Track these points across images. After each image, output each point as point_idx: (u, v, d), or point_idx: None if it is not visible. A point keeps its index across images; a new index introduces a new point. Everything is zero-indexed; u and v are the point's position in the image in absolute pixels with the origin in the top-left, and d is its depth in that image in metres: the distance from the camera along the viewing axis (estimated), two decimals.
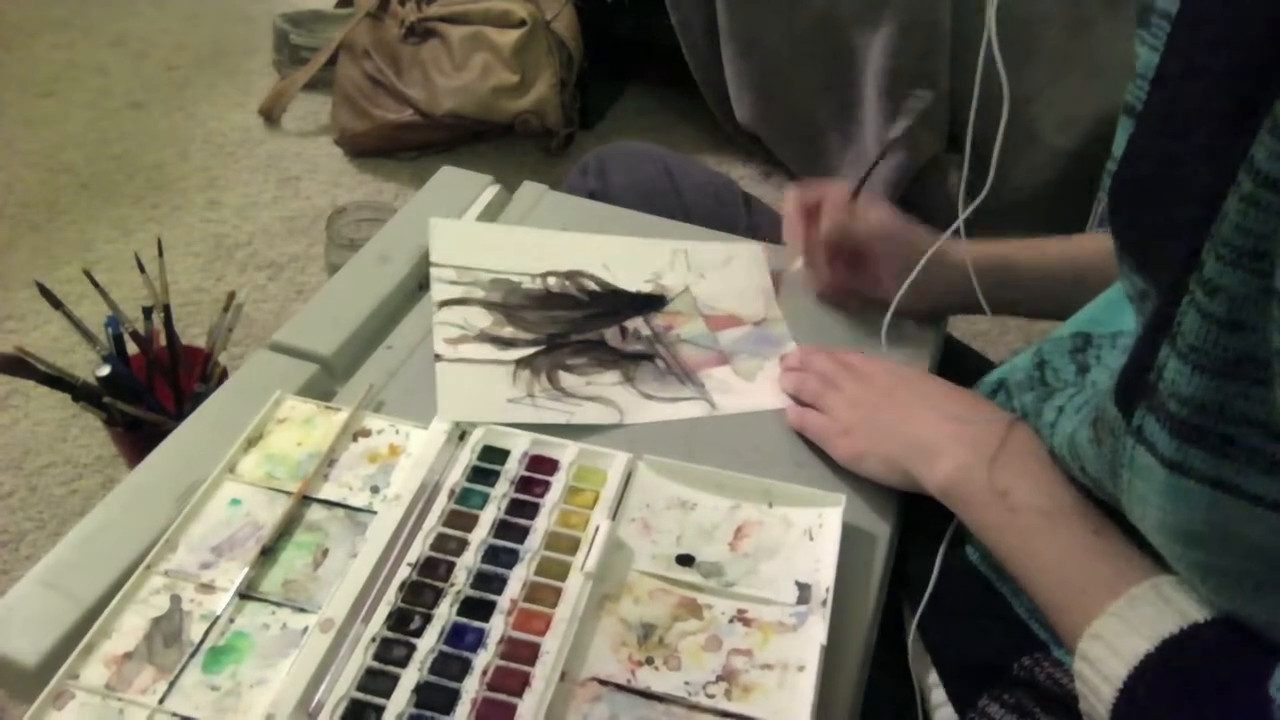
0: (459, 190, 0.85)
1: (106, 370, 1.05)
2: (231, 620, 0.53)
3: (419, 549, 0.56)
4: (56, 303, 1.06)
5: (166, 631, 0.53)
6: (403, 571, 0.55)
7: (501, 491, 0.60)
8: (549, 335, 0.73)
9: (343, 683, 0.50)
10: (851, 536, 0.59)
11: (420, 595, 0.54)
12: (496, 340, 0.72)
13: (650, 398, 0.69)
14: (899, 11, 1.50)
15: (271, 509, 0.58)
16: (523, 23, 1.71)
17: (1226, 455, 0.39)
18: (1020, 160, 1.55)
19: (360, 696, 0.50)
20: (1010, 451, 0.56)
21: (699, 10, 1.67)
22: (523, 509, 0.59)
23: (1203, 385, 0.39)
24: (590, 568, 0.55)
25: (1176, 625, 0.45)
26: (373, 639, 0.52)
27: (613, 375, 0.70)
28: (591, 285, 0.77)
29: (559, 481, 0.60)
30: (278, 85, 1.92)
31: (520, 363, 0.70)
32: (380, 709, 0.49)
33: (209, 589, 0.54)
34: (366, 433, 0.63)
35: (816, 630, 0.54)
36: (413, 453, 0.62)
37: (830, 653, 0.53)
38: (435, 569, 0.55)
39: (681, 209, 0.87)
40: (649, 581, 0.56)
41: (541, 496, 0.60)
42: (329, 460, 0.61)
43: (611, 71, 1.94)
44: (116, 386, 1.06)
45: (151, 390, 1.12)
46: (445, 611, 0.53)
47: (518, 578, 0.55)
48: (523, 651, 0.52)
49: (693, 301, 0.77)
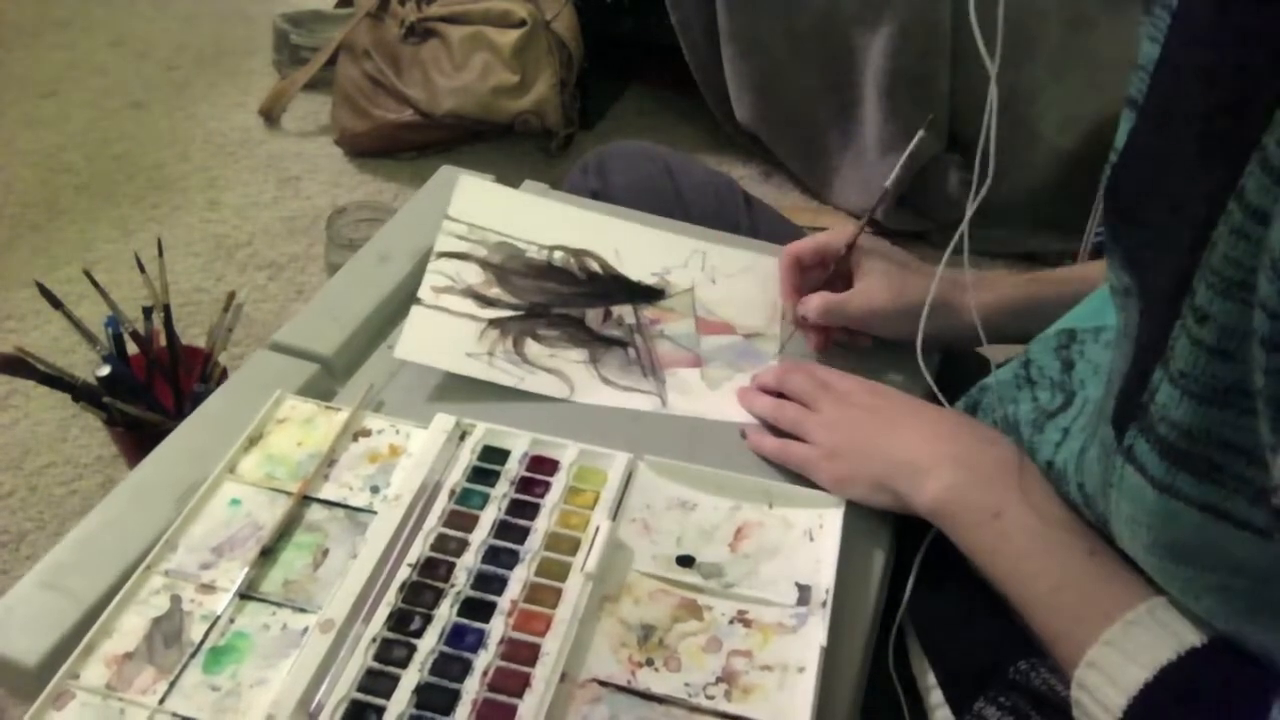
0: None
1: (106, 370, 1.05)
2: (232, 620, 0.53)
3: (419, 549, 0.56)
4: (56, 303, 1.06)
5: (167, 632, 0.53)
6: (403, 572, 0.55)
7: (502, 492, 0.60)
8: (532, 304, 0.73)
9: (343, 683, 0.50)
10: (852, 538, 0.59)
11: (420, 596, 0.54)
12: (480, 298, 0.72)
13: (607, 382, 0.69)
14: (899, 11, 1.49)
15: (272, 509, 0.58)
16: (523, 23, 1.71)
17: (1214, 481, 0.39)
18: (1020, 160, 1.55)
19: (360, 697, 0.50)
20: (1000, 471, 0.55)
21: (699, 10, 1.67)
22: (523, 509, 0.59)
23: (1192, 411, 0.38)
24: (590, 568, 0.55)
25: (1174, 651, 0.44)
26: (373, 639, 0.52)
27: (579, 354, 0.71)
28: (594, 266, 0.77)
29: (559, 482, 0.60)
30: (278, 85, 1.91)
31: (493, 322, 0.71)
32: (380, 709, 0.49)
33: (209, 589, 0.54)
34: (367, 433, 0.63)
35: (816, 631, 0.54)
36: (413, 453, 0.62)
37: (830, 654, 0.53)
38: (435, 569, 0.55)
39: (682, 208, 0.86)
40: (649, 582, 0.56)
41: (542, 497, 0.59)
42: (329, 460, 0.61)
43: (611, 71, 1.94)
44: (116, 386, 1.06)
45: (151, 390, 1.12)
46: (445, 612, 0.53)
47: (518, 578, 0.55)
48: (523, 652, 0.52)
49: (691, 302, 0.76)
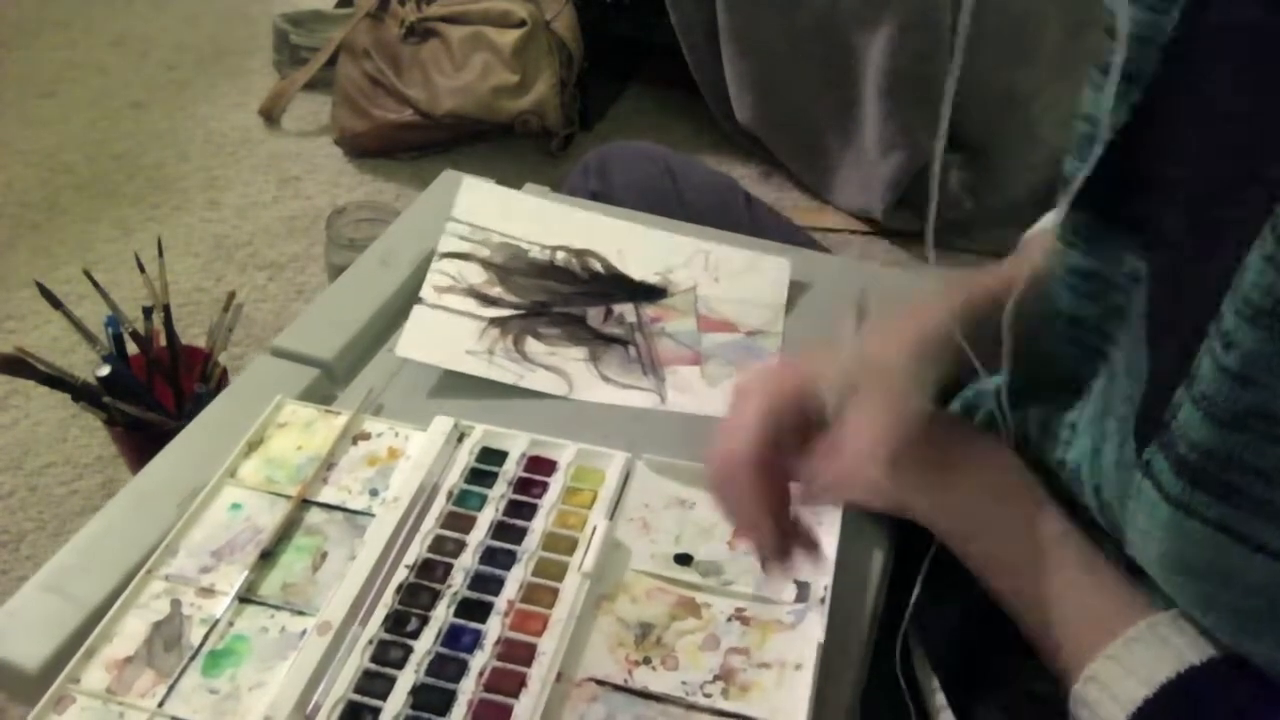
0: None
1: (106, 370, 1.05)
2: (231, 624, 0.53)
3: (416, 551, 0.56)
4: (56, 303, 1.06)
5: (167, 635, 0.53)
6: (400, 574, 0.55)
7: (499, 493, 0.60)
8: (534, 302, 0.73)
9: (340, 685, 0.50)
10: (851, 535, 0.59)
11: (417, 597, 0.54)
12: (482, 298, 0.73)
13: (606, 379, 0.69)
14: (899, 11, 1.49)
15: (271, 513, 0.58)
16: (523, 23, 1.71)
17: (1231, 502, 0.39)
18: (1020, 160, 1.55)
19: (357, 699, 0.50)
20: (998, 480, 0.54)
21: (699, 10, 1.67)
22: (520, 510, 0.59)
23: (1212, 433, 0.38)
24: (588, 568, 0.55)
25: (1174, 669, 0.43)
26: (370, 641, 0.52)
27: (579, 352, 0.71)
28: (596, 266, 0.77)
29: (557, 482, 0.60)
30: (278, 85, 1.92)
31: (494, 321, 0.71)
32: (377, 711, 0.49)
33: (209, 593, 0.55)
34: (366, 436, 0.63)
35: (814, 629, 0.54)
36: (411, 455, 0.62)
37: (828, 651, 0.53)
38: (433, 571, 0.55)
39: (683, 209, 0.86)
40: (647, 581, 0.56)
41: (539, 497, 0.60)
42: (328, 464, 0.61)
43: (611, 71, 1.94)
44: (116, 386, 1.06)
45: (151, 390, 1.12)
46: (442, 613, 0.53)
47: (515, 579, 0.55)
48: (519, 652, 0.52)
49: (693, 301, 0.76)
